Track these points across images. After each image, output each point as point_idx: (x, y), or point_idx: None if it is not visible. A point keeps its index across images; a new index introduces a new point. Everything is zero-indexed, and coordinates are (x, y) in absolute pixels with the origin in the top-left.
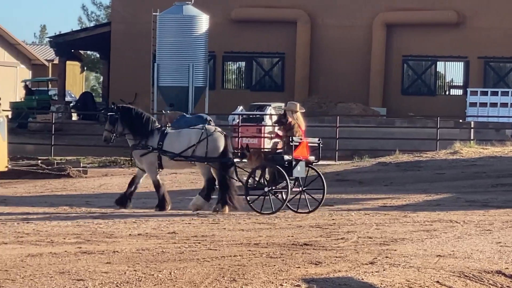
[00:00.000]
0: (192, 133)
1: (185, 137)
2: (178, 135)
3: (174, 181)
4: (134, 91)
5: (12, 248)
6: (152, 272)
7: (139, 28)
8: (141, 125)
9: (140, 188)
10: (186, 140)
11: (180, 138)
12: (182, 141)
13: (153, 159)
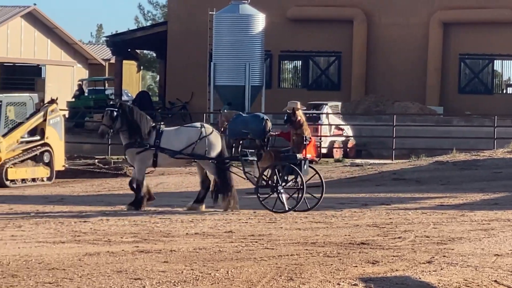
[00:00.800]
0: (191, 131)
1: (184, 135)
2: (176, 133)
3: None
4: (191, 90)
5: (70, 247)
6: (209, 271)
7: (196, 27)
8: (140, 124)
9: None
10: (185, 138)
11: (178, 136)
12: (181, 139)
13: (147, 157)
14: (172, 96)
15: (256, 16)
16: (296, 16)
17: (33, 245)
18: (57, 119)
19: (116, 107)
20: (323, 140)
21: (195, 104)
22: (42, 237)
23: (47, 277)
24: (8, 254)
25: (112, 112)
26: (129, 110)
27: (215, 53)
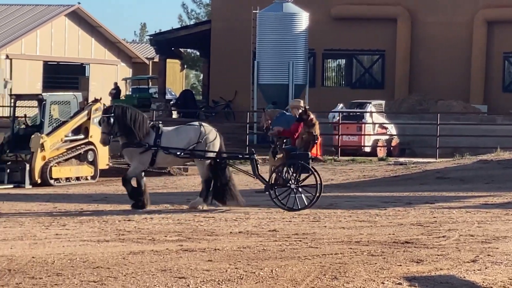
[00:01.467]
0: (190, 130)
1: (184, 135)
2: (177, 133)
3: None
4: (234, 89)
5: (114, 245)
6: (254, 270)
7: (239, 26)
8: (137, 124)
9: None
10: (186, 138)
11: (179, 135)
12: (183, 138)
13: (146, 157)
14: (216, 94)
15: (300, 14)
16: (340, 15)
17: (78, 244)
18: None
19: (111, 113)
20: (367, 139)
21: (239, 103)
22: (86, 235)
23: (91, 276)
24: (52, 253)
25: (109, 118)
26: (123, 113)
27: (259, 52)
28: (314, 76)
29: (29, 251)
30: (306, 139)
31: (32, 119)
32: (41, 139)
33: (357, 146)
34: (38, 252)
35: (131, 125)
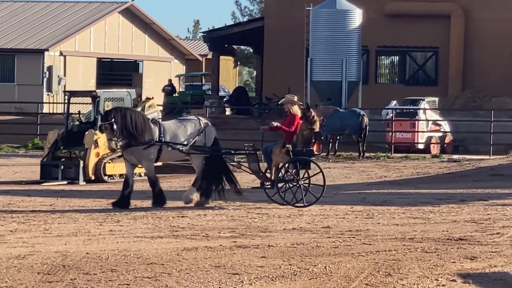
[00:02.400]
0: (191, 123)
1: (186, 128)
2: (179, 126)
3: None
4: (287, 85)
5: (168, 242)
6: (307, 266)
7: (292, 22)
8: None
9: None
10: (188, 131)
11: (182, 129)
12: (186, 131)
13: (152, 154)
14: (269, 91)
15: (353, 11)
16: (393, 11)
17: (132, 240)
18: (154, 114)
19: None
20: (420, 136)
21: None
22: (140, 232)
23: (145, 272)
24: (107, 249)
25: (111, 124)
26: (123, 116)
27: (312, 49)
28: (367, 73)
29: (83, 247)
30: (307, 136)
31: (86, 116)
32: (95, 136)
33: (411, 143)
34: (92, 248)
35: (134, 126)
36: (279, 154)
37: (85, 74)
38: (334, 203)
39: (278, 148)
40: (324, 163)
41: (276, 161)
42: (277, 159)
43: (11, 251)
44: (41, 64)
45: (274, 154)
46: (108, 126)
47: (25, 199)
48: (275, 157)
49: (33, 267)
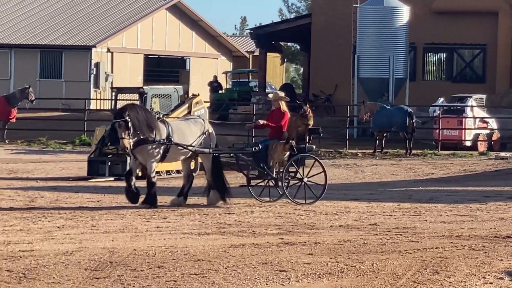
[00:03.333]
0: (197, 123)
1: (192, 127)
2: (186, 125)
3: (375, 172)
4: (334, 82)
5: (215, 239)
6: (354, 263)
7: (339, 19)
8: (152, 122)
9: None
10: (195, 130)
11: (189, 128)
12: (193, 131)
13: (158, 153)
14: (316, 88)
15: (400, 8)
16: (440, 8)
17: (179, 237)
18: (201, 111)
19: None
20: (468, 133)
21: (339, 97)
22: (187, 228)
23: (192, 269)
24: (154, 245)
25: (125, 122)
26: (137, 113)
27: (359, 46)
28: (415, 70)
29: (131, 243)
30: (302, 132)
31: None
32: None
33: (458, 140)
34: (139, 244)
35: (147, 124)
36: (283, 151)
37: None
38: (381, 200)
39: (282, 145)
40: (371, 160)
41: (278, 158)
42: (280, 156)
43: (58, 247)
44: (88, 60)
45: (277, 151)
46: (122, 123)
47: (73, 195)
48: (278, 153)
49: (81, 263)
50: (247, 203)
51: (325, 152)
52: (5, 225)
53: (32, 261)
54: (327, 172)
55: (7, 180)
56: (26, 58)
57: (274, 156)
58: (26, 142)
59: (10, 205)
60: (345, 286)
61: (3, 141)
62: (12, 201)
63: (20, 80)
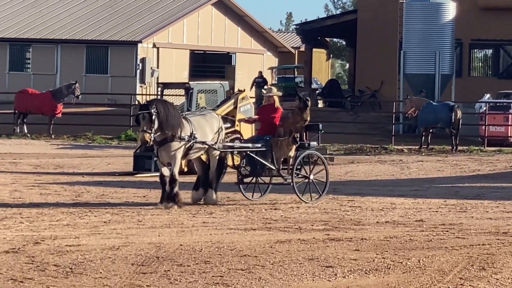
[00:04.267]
0: (214, 118)
1: (211, 123)
2: (205, 121)
3: (421, 169)
4: (380, 78)
5: (261, 234)
6: (401, 259)
7: (385, 15)
8: (177, 118)
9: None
10: (213, 126)
11: (208, 124)
12: (212, 127)
13: (183, 151)
14: (362, 84)
15: (447, 4)
16: (487, 5)
17: (225, 232)
18: (247, 106)
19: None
20: None
21: (385, 93)
22: (233, 224)
23: (239, 264)
24: (200, 241)
25: (150, 114)
26: (164, 107)
27: (405, 42)
28: (461, 66)
29: (177, 238)
30: (300, 127)
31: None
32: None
33: (504, 136)
34: (185, 239)
35: (172, 120)
36: (287, 147)
37: (178, 66)
38: (427, 197)
39: (286, 140)
40: (417, 156)
41: (285, 154)
42: (286, 152)
43: (105, 242)
44: (134, 56)
45: (283, 147)
46: (147, 115)
47: (119, 190)
48: (284, 150)
49: (127, 258)
50: (293, 198)
51: (370, 148)
52: (51, 220)
53: (79, 256)
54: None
55: (54, 175)
56: (72, 53)
57: (281, 152)
58: (72, 137)
59: (57, 200)
60: (391, 282)
61: (49, 136)
62: (58, 196)
63: (66, 75)
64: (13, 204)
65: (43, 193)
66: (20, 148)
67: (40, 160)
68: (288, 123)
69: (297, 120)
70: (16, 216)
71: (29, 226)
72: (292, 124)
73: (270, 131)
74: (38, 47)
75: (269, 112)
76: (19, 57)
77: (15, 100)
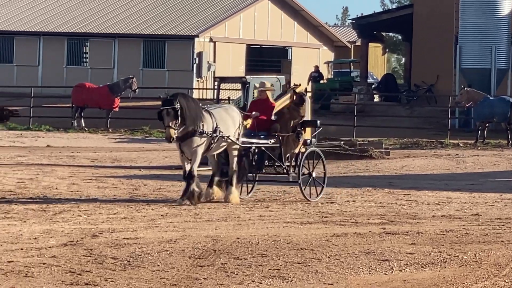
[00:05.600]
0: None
1: (233, 117)
2: (228, 115)
3: (477, 163)
4: (436, 73)
5: (317, 228)
6: (457, 253)
7: (441, 10)
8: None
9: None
10: (235, 121)
11: (231, 119)
12: (234, 121)
13: (205, 145)
14: (418, 78)
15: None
16: None
17: (281, 225)
18: None
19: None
20: None
21: (440, 87)
22: (289, 217)
23: (295, 257)
24: (257, 234)
25: (175, 110)
26: (188, 102)
27: (461, 36)
28: None
29: (234, 232)
30: (297, 123)
31: (236, 102)
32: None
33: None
34: (242, 233)
35: (197, 115)
36: (294, 143)
37: (234, 60)
38: (483, 191)
39: (292, 136)
40: (473, 150)
41: (290, 150)
42: (293, 149)
43: (162, 235)
44: (191, 50)
45: (289, 143)
46: (171, 111)
47: (175, 184)
48: (291, 146)
49: (184, 251)
50: (349, 192)
51: (426, 142)
52: (109, 213)
53: (136, 249)
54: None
55: (111, 168)
56: (129, 47)
57: (287, 148)
58: (129, 131)
59: (114, 193)
60: (447, 276)
61: (107, 129)
62: (115, 189)
63: (123, 69)
64: (71, 198)
65: (101, 186)
66: (77, 142)
67: (97, 153)
68: (285, 119)
69: (294, 116)
70: (74, 209)
71: (87, 219)
72: (289, 120)
73: (263, 127)
74: (96, 41)
75: (261, 107)
76: (77, 52)
77: (73, 94)
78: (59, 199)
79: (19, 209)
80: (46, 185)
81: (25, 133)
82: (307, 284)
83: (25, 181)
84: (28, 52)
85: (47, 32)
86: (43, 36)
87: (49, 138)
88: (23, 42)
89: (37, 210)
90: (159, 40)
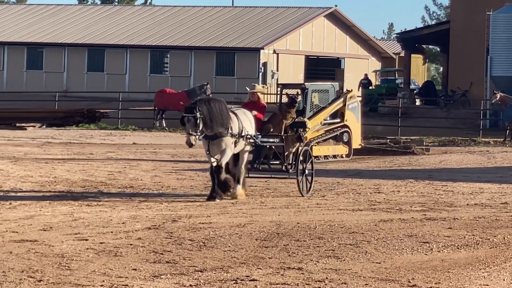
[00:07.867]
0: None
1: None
2: (244, 117)
3: (505, 158)
4: (469, 80)
5: (366, 214)
6: (488, 236)
7: (475, 25)
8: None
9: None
10: (251, 122)
11: (247, 120)
12: (250, 122)
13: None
14: (454, 85)
15: None
16: None
17: (335, 212)
18: (354, 104)
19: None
20: None
21: (474, 92)
22: (342, 205)
23: (348, 240)
24: (314, 219)
25: (194, 118)
26: (208, 107)
27: (492, 48)
28: None
29: (294, 217)
30: (288, 124)
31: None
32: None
33: None
34: (302, 218)
35: (221, 116)
36: (293, 143)
37: (294, 69)
38: (511, 183)
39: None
40: (502, 147)
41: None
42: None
43: (232, 220)
44: (257, 60)
45: (289, 143)
46: (191, 119)
47: None
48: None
49: (252, 234)
50: (394, 183)
51: (461, 140)
52: (187, 201)
53: (210, 232)
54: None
55: (188, 162)
56: (204, 58)
57: (287, 147)
58: None
59: (191, 184)
60: (480, 256)
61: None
62: (192, 180)
63: (199, 77)
64: (154, 188)
65: (179, 178)
66: (159, 140)
67: (176, 150)
68: (277, 120)
69: (286, 117)
70: (156, 198)
71: (168, 207)
72: (281, 121)
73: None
74: (175, 53)
75: (253, 108)
76: (159, 62)
77: (155, 98)
78: (143, 189)
79: (109, 198)
80: (133, 177)
81: (114, 132)
82: (358, 263)
83: (114, 174)
84: (116, 62)
85: (133, 45)
86: (129, 49)
87: (134, 137)
88: (112, 53)
89: (125, 198)
90: (229, 52)
